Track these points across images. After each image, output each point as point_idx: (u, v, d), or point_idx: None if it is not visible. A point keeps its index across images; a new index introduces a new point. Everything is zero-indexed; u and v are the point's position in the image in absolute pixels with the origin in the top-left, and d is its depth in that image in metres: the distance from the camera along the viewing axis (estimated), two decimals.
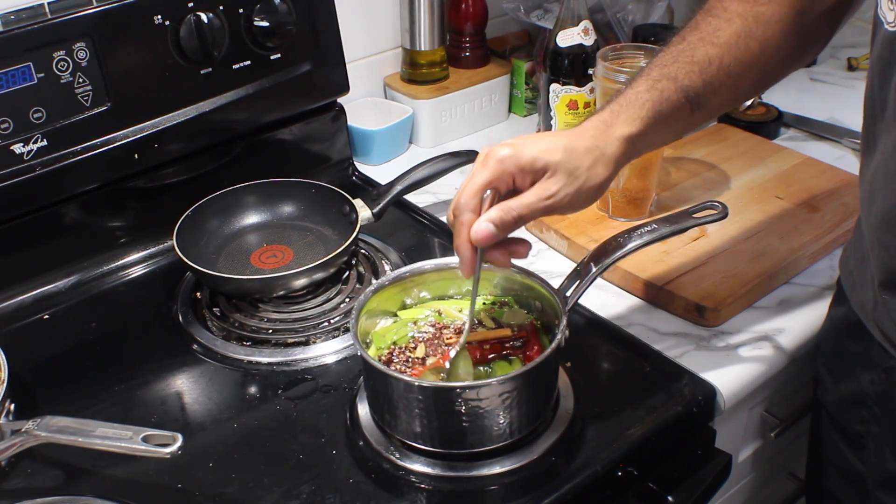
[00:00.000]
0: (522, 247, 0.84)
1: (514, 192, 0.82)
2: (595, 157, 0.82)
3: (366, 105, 1.42)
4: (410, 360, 0.88)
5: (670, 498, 0.90)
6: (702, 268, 1.08)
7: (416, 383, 0.83)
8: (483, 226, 0.79)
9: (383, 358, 0.89)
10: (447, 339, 0.90)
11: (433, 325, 0.92)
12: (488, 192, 0.80)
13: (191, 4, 1.10)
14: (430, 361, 0.88)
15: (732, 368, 0.97)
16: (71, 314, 1.09)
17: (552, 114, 1.33)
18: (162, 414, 0.93)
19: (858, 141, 0.89)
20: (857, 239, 0.92)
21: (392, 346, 0.90)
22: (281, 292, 1.07)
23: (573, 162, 0.81)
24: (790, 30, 0.88)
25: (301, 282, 1.06)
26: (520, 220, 0.80)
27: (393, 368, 0.87)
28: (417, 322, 0.93)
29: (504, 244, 0.83)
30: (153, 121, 1.13)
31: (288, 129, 1.27)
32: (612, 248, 0.89)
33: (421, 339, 0.90)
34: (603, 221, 1.18)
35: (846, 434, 0.97)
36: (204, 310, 1.07)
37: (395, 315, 0.95)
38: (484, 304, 0.95)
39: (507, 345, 0.89)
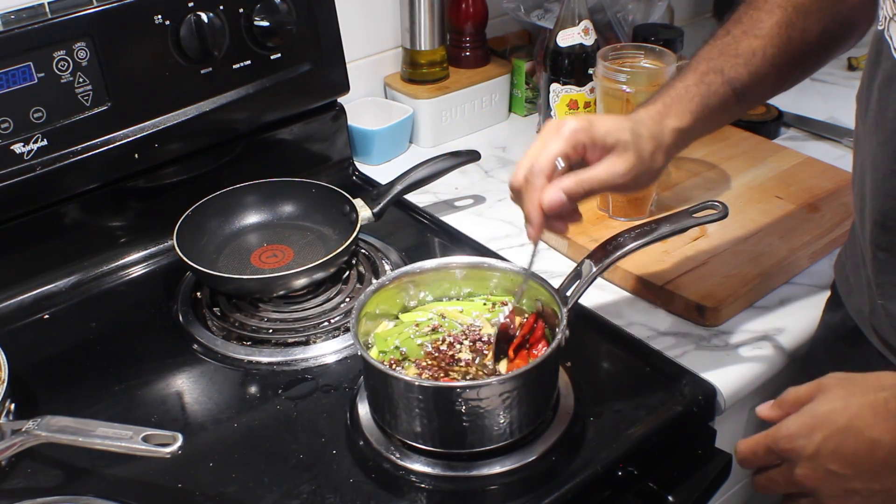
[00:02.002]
0: (578, 215, 0.86)
1: (579, 164, 0.83)
2: (656, 145, 0.85)
3: (366, 105, 1.42)
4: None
5: (670, 498, 0.90)
6: (702, 268, 1.08)
7: (417, 383, 0.83)
8: (556, 195, 0.80)
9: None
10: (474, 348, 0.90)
11: (434, 329, 0.92)
12: (561, 162, 0.81)
13: (191, 4, 1.10)
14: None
15: (732, 368, 0.97)
16: (71, 314, 1.09)
17: (552, 113, 1.33)
18: (162, 414, 0.93)
19: None
20: (851, 243, 0.92)
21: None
22: (281, 292, 1.07)
23: (640, 144, 0.83)
24: (830, 17, 0.91)
25: (301, 281, 1.06)
26: (589, 193, 0.82)
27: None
28: (420, 325, 0.93)
29: (564, 214, 0.84)
30: (153, 121, 1.13)
31: (288, 128, 1.27)
32: (612, 248, 0.89)
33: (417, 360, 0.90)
34: (603, 221, 1.18)
35: None
36: (204, 309, 1.07)
37: (397, 317, 0.94)
38: (485, 304, 0.95)
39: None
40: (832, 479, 0.71)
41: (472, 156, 1.25)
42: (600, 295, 1.07)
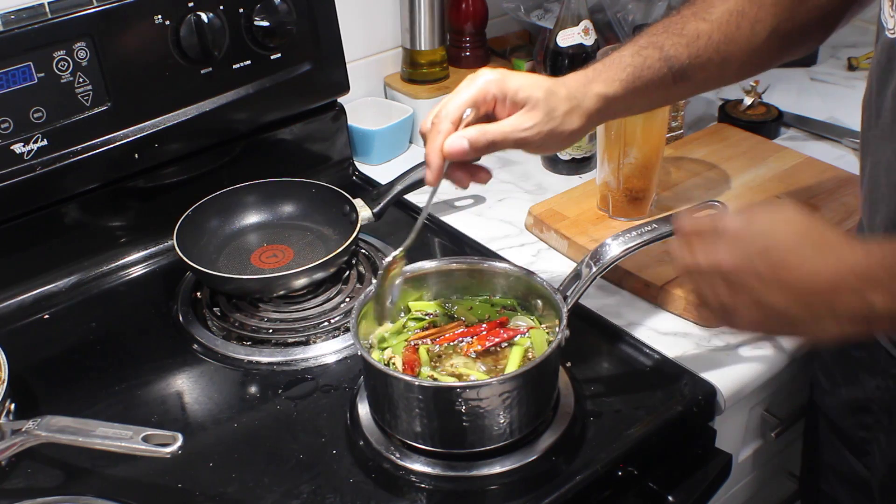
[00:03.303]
0: (484, 173, 0.86)
1: (489, 119, 0.84)
2: (572, 106, 0.84)
3: (366, 105, 1.42)
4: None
5: (670, 498, 0.90)
6: None
7: (417, 383, 0.83)
8: (458, 141, 0.81)
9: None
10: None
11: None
12: (469, 110, 0.82)
13: (191, 4, 1.10)
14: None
15: (732, 368, 0.97)
16: (71, 314, 1.09)
17: None
18: (162, 414, 0.94)
19: (858, 141, 0.89)
20: None
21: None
22: (281, 292, 1.07)
23: (552, 103, 0.83)
24: (784, 15, 0.89)
25: (301, 281, 1.06)
26: (492, 146, 0.82)
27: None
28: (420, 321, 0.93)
29: (468, 167, 0.85)
30: (153, 121, 1.13)
31: (288, 128, 1.27)
32: (612, 247, 0.89)
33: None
34: (603, 221, 1.18)
35: (848, 440, 0.96)
36: (204, 309, 1.07)
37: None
38: (493, 306, 0.95)
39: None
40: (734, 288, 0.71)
41: None
42: (600, 295, 1.07)
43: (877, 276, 0.65)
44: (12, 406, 0.90)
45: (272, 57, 1.20)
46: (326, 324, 1.04)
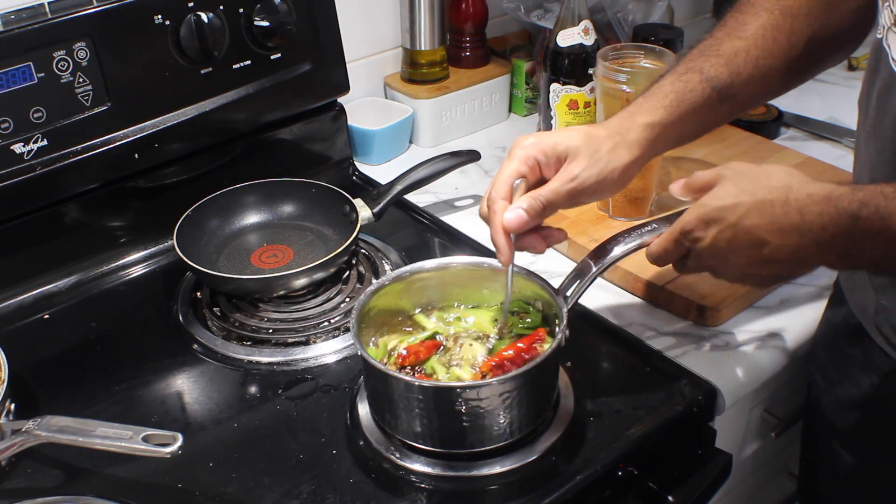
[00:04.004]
0: (558, 232, 0.88)
1: (542, 183, 0.84)
2: (616, 142, 0.84)
3: (366, 105, 1.42)
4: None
5: (670, 498, 0.90)
6: None
7: (417, 383, 0.83)
8: (515, 213, 0.82)
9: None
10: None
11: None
12: (519, 181, 0.83)
13: (191, 4, 1.10)
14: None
15: (732, 368, 0.97)
16: (71, 314, 1.09)
17: (552, 113, 1.33)
18: (162, 414, 0.94)
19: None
20: None
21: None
22: (281, 292, 1.07)
23: (593, 146, 0.83)
24: (819, 23, 0.90)
25: (301, 281, 1.06)
26: (549, 206, 0.83)
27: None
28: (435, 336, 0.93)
29: (538, 231, 0.86)
30: (153, 121, 1.13)
31: (288, 128, 1.27)
32: (613, 247, 0.89)
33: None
34: (603, 221, 1.18)
35: (844, 438, 0.96)
36: (204, 309, 1.07)
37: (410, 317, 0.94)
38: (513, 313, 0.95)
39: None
40: (728, 264, 0.80)
41: (472, 156, 1.24)
42: (600, 295, 1.07)
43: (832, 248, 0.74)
44: (12, 406, 0.90)
45: (272, 57, 1.20)
46: (326, 324, 1.04)
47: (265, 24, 1.16)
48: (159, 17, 1.09)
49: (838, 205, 0.72)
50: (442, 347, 0.91)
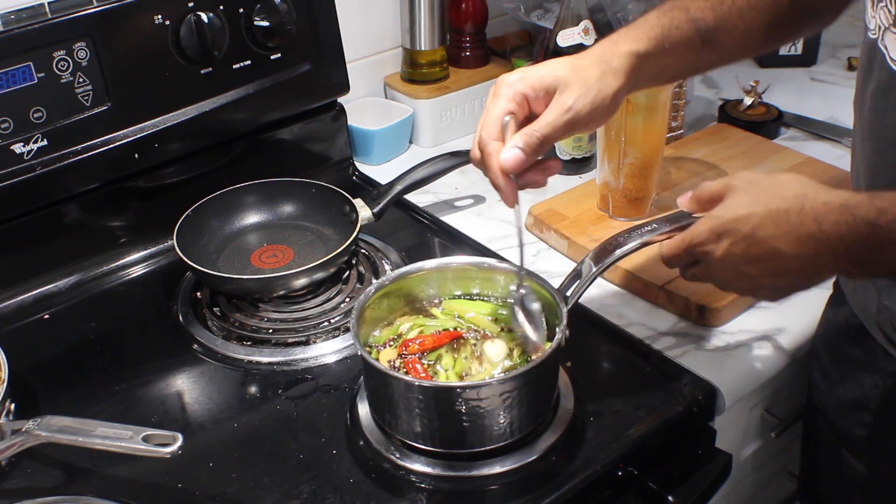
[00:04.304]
0: (554, 162, 0.85)
1: (531, 118, 0.82)
2: (603, 70, 0.83)
3: (366, 105, 1.42)
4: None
5: (670, 498, 0.90)
6: None
7: (417, 383, 0.83)
8: (511, 152, 0.79)
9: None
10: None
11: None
12: (508, 118, 0.81)
13: (191, 4, 1.10)
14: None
15: (732, 368, 0.97)
16: (71, 314, 1.09)
17: None
18: (162, 414, 0.94)
19: None
20: None
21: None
22: (281, 292, 1.07)
23: (582, 74, 0.81)
24: None
25: (301, 281, 1.06)
26: (545, 140, 0.81)
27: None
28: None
29: (535, 166, 0.83)
30: (153, 121, 1.13)
31: (288, 128, 1.27)
32: (612, 247, 0.89)
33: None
34: (603, 221, 1.18)
35: (846, 438, 0.96)
36: (204, 309, 1.07)
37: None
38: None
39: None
40: (741, 276, 0.78)
41: None
42: (600, 295, 1.07)
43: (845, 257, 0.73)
44: (12, 406, 0.90)
45: (272, 57, 1.20)
46: (326, 324, 1.04)
47: (265, 24, 1.16)
48: (159, 17, 1.09)
49: (856, 212, 0.70)
50: (461, 339, 0.90)
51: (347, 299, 1.08)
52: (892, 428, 0.89)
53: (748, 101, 1.43)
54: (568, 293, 0.89)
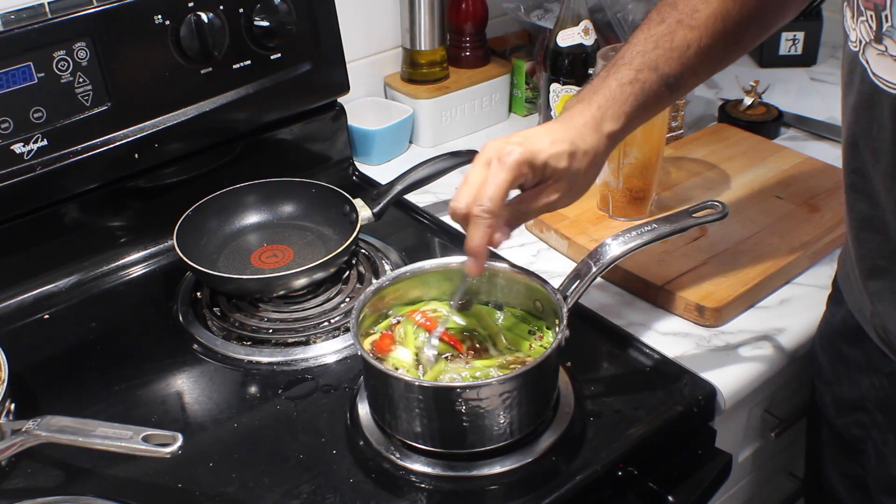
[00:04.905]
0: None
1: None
2: (590, 161, 0.85)
3: (366, 105, 1.42)
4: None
5: (670, 498, 0.90)
6: (702, 268, 1.08)
7: (417, 383, 0.83)
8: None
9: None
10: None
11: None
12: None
13: (191, 4, 1.10)
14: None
15: (732, 368, 0.97)
16: (71, 314, 1.09)
17: (552, 113, 1.33)
18: (162, 414, 0.94)
19: None
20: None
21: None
22: (281, 292, 1.07)
23: (575, 167, 0.84)
24: (768, 3, 0.90)
25: (301, 281, 1.06)
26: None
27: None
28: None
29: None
30: (153, 121, 1.13)
31: (288, 128, 1.27)
32: (612, 247, 0.89)
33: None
34: (603, 221, 1.18)
35: (845, 438, 0.96)
36: (204, 309, 1.07)
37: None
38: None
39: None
40: None
41: (471, 156, 1.24)
42: (600, 295, 1.07)
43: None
44: (12, 406, 0.90)
45: (272, 57, 1.20)
46: (326, 324, 1.04)
47: (265, 24, 1.16)
48: (159, 17, 1.09)
49: None
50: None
51: (347, 299, 1.08)
52: (891, 429, 0.89)
53: (748, 101, 1.43)
54: (568, 293, 0.89)
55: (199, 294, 1.10)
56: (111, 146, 1.10)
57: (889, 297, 0.83)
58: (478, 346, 0.91)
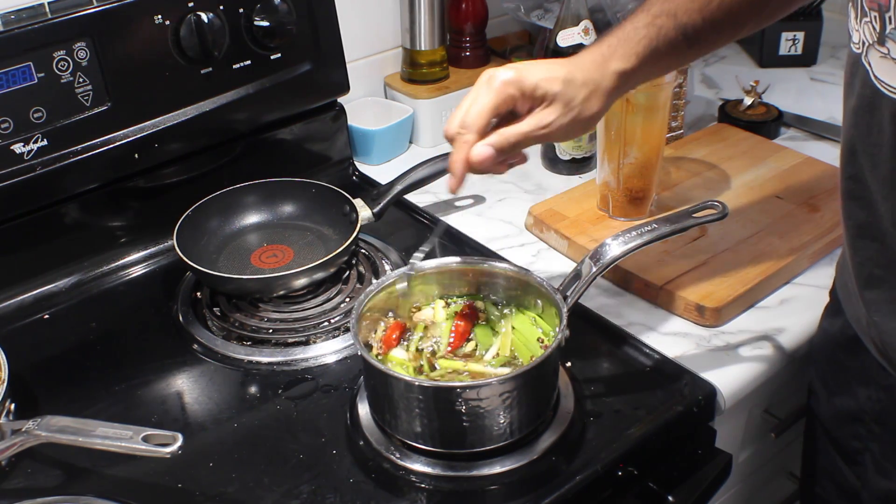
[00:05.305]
0: (520, 157, 0.88)
1: (513, 115, 0.84)
2: (591, 90, 0.84)
3: (366, 105, 1.42)
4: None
5: (670, 498, 0.90)
6: (702, 268, 1.08)
7: (417, 383, 0.83)
8: (483, 149, 0.82)
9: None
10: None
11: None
12: (494, 120, 0.83)
13: (191, 4, 1.10)
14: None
15: (732, 368, 0.97)
16: (71, 314, 1.09)
17: None
18: (162, 414, 0.94)
19: None
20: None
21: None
22: (281, 292, 1.07)
23: (570, 93, 0.83)
24: None
25: (301, 281, 1.06)
26: (516, 146, 0.84)
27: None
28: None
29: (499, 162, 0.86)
30: (153, 121, 1.13)
31: (288, 128, 1.27)
32: (612, 247, 0.89)
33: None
34: (603, 221, 1.18)
35: (841, 449, 0.95)
36: (204, 309, 1.07)
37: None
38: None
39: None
40: None
41: None
42: (600, 295, 1.07)
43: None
44: (12, 406, 0.90)
45: (272, 57, 1.20)
46: (326, 324, 1.04)
47: (265, 24, 1.16)
48: (159, 17, 1.09)
49: None
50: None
51: (347, 299, 1.08)
52: (888, 442, 0.89)
53: (748, 101, 1.43)
54: (568, 293, 0.89)
55: (199, 294, 1.10)
56: (111, 146, 1.10)
57: (886, 308, 0.82)
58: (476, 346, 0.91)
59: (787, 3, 0.93)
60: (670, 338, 1.01)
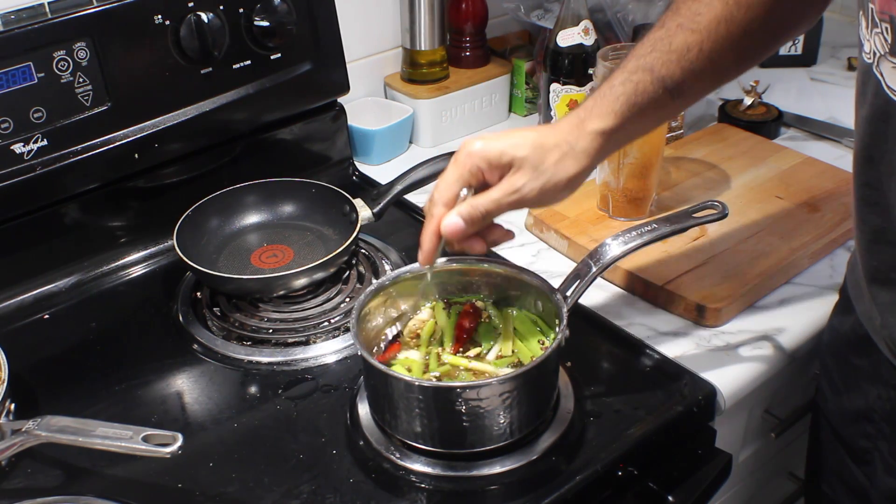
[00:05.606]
0: (501, 234, 0.87)
1: (486, 186, 0.84)
2: (563, 153, 0.83)
3: (366, 105, 1.42)
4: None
5: (670, 498, 0.90)
6: (702, 268, 1.08)
7: (417, 383, 0.83)
8: (452, 220, 0.82)
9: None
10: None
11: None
12: (465, 191, 0.83)
13: (191, 4, 1.10)
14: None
15: (732, 368, 0.97)
16: (71, 314, 1.09)
17: (552, 113, 1.33)
18: (162, 414, 0.94)
19: None
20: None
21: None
22: (281, 292, 1.07)
23: (539, 157, 0.82)
24: (773, 10, 0.86)
25: (301, 281, 1.06)
26: (487, 215, 0.83)
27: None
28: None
29: (481, 233, 0.85)
30: (153, 121, 1.13)
31: (288, 128, 1.27)
32: (612, 247, 0.89)
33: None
34: (603, 221, 1.18)
35: (850, 448, 0.95)
36: (204, 309, 1.07)
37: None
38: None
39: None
40: None
41: None
42: (600, 295, 1.07)
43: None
44: (12, 406, 0.90)
45: (272, 57, 1.20)
46: (326, 324, 1.04)
47: (265, 24, 1.16)
48: (159, 17, 1.09)
49: None
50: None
51: (347, 299, 1.08)
52: (895, 441, 0.88)
53: (748, 101, 1.43)
54: (568, 293, 0.89)
55: (199, 294, 1.10)
56: (111, 146, 1.10)
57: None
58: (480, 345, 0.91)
59: (768, 47, 0.92)
60: (670, 338, 1.01)
